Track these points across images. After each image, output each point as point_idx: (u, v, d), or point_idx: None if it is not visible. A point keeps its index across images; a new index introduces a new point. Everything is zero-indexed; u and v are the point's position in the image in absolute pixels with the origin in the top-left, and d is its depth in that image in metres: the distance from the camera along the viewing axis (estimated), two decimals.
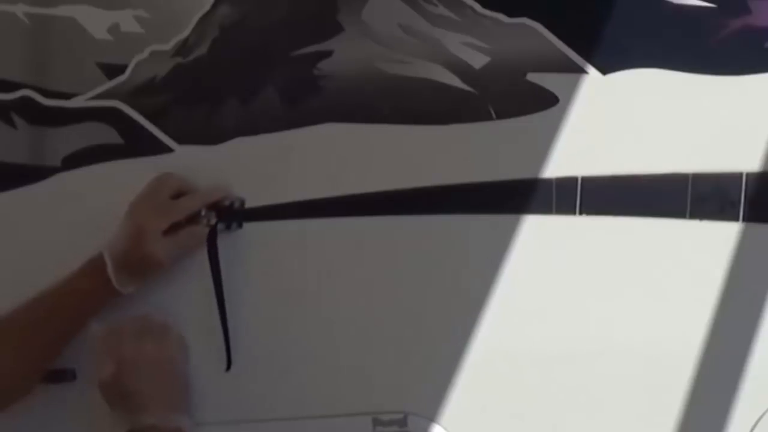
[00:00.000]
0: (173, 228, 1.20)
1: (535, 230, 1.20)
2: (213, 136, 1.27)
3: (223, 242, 1.24)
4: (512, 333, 1.20)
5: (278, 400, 1.23)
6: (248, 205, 1.24)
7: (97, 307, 1.21)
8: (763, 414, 1.14)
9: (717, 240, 1.17)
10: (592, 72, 1.19)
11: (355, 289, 1.22)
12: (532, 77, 1.20)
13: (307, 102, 1.25)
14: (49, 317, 1.19)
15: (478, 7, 1.22)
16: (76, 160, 1.29)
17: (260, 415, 1.23)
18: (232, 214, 1.24)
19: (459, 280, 1.21)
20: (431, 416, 1.19)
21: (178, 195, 1.22)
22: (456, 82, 1.22)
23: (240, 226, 1.25)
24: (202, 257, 1.23)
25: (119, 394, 1.15)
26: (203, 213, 1.23)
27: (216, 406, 1.24)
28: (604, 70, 1.19)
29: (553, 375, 1.18)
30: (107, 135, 1.29)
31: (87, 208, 1.28)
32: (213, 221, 1.23)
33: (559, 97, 1.20)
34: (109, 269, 1.19)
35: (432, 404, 1.19)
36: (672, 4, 1.17)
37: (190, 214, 1.22)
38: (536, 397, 1.19)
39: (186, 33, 1.28)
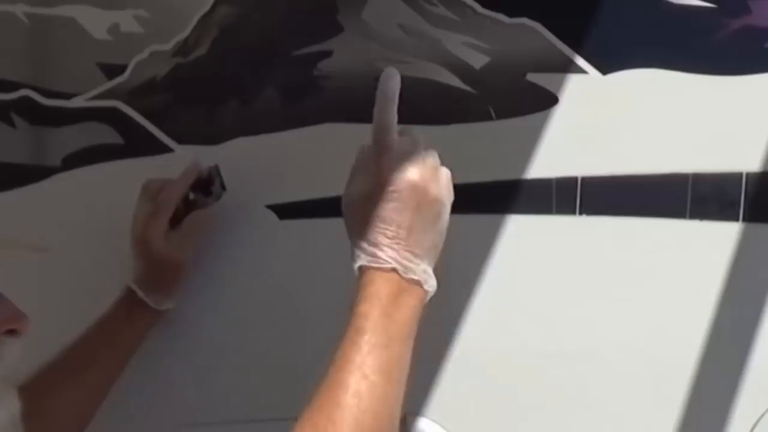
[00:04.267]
0: (174, 226, 1.20)
1: (535, 230, 1.19)
2: (213, 136, 1.27)
3: (223, 241, 1.24)
4: (512, 333, 1.19)
5: (278, 400, 1.23)
6: (247, 205, 1.24)
7: (143, 329, 1.22)
8: (763, 414, 1.14)
9: (717, 240, 1.17)
10: (592, 72, 1.19)
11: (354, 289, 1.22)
12: (532, 77, 1.20)
13: (307, 102, 1.25)
14: (100, 350, 1.19)
15: (478, 7, 1.22)
16: (76, 160, 1.29)
17: (260, 415, 1.23)
18: (213, 183, 1.23)
19: (458, 280, 1.21)
20: (431, 416, 1.19)
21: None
22: (456, 82, 1.22)
23: (224, 189, 1.23)
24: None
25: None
26: (191, 196, 1.22)
27: (216, 405, 1.24)
28: (604, 70, 1.19)
29: (552, 375, 1.18)
30: (107, 135, 1.29)
31: (87, 208, 1.28)
32: (202, 201, 1.22)
33: (559, 97, 1.20)
34: (140, 294, 1.19)
35: (432, 404, 1.19)
36: (672, 4, 1.17)
37: (180, 204, 1.21)
38: (536, 396, 1.18)
39: (186, 33, 1.28)
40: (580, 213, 1.19)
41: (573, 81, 1.19)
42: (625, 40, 1.18)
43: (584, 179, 1.19)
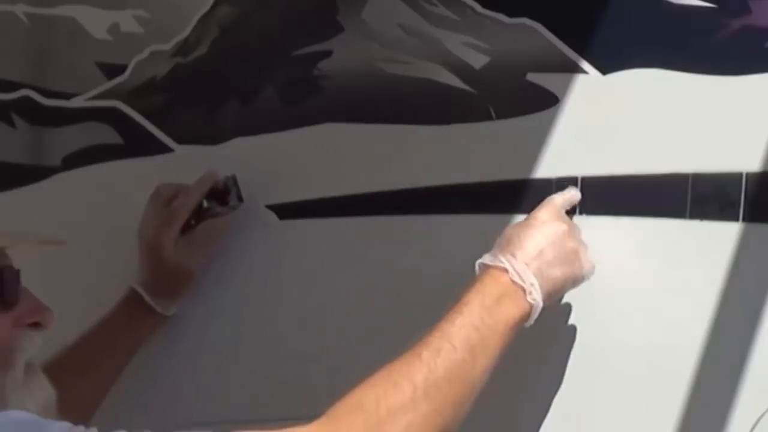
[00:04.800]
0: (186, 233, 1.20)
1: None
2: (213, 136, 1.27)
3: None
4: None
5: (278, 400, 1.23)
6: (246, 206, 1.24)
7: (147, 333, 1.22)
8: (763, 414, 1.14)
9: (717, 240, 1.16)
10: (592, 72, 1.19)
11: (354, 289, 1.22)
12: (532, 77, 1.20)
13: (307, 102, 1.25)
14: (103, 352, 1.20)
15: (478, 7, 1.22)
16: (76, 160, 1.29)
17: (260, 415, 1.23)
18: (230, 194, 1.23)
19: (459, 279, 1.20)
20: None
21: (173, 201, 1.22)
22: (456, 82, 1.22)
23: (242, 200, 1.23)
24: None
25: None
26: (206, 205, 1.21)
27: (216, 405, 1.24)
28: (604, 70, 1.19)
29: (551, 375, 1.18)
30: (107, 135, 1.29)
31: (87, 208, 1.28)
32: (218, 209, 1.22)
33: (559, 97, 1.20)
34: (147, 298, 1.19)
35: None
36: (672, 4, 1.17)
37: (193, 212, 1.21)
38: (535, 396, 1.18)
39: (186, 33, 1.28)
40: (580, 213, 1.19)
41: (573, 81, 1.19)
42: (625, 40, 1.18)
43: (584, 179, 1.19)
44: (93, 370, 1.18)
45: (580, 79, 1.19)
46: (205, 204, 1.21)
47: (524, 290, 1.01)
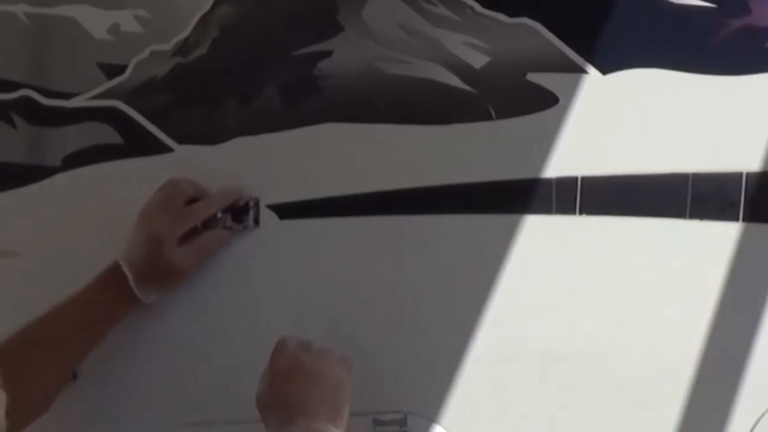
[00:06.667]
0: (190, 233, 1.20)
1: (535, 230, 1.20)
2: (213, 136, 1.27)
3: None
4: (512, 333, 1.20)
5: None
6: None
7: (121, 317, 1.20)
8: (763, 414, 1.14)
9: (717, 240, 1.17)
10: (592, 72, 1.19)
11: (354, 289, 1.22)
12: (532, 77, 1.20)
13: (307, 102, 1.25)
14: (73, 329, 1.15)
15: (478, 7, 1.22)
16: (76, 160, 1.29)
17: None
18: (248, 213, 1.25)
19: (459, 280, 1.21)
20: (431, 416, 1.19)
21: (191, 200, 1.21)
22: (456, 82, 1.22)
23: (257, 224, 1.24)
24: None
25: (270, 404, 1.10)
26: (219, 215, 1.23)
27: (216, 405, 1.24)
28: (604, 70, 1.19)
29: (552, 375, 1.18)
30: (107, 135, 1.29)
31: (87, 208, 1.28)
32: (229, 223, 1.24)
33: (559, 97, 1.20)
34: (131, 281, 1.17)
35: (432, 404, 1.19)
36: (672, 4, 1.17)
37: (207, 219, 1.22)
38: (535, 397, 1.19)
39: (186, 33, 1.28)
40: (580, 213, 1.19)
41: (573, 81, 1.20)
42: (625, 40, 1.19)
43: (584, 179, 1.19)
44: (59, 345, 1.15)
45: (580, 79, 1.19)
46: (219, 215, 1.23)
47: None
